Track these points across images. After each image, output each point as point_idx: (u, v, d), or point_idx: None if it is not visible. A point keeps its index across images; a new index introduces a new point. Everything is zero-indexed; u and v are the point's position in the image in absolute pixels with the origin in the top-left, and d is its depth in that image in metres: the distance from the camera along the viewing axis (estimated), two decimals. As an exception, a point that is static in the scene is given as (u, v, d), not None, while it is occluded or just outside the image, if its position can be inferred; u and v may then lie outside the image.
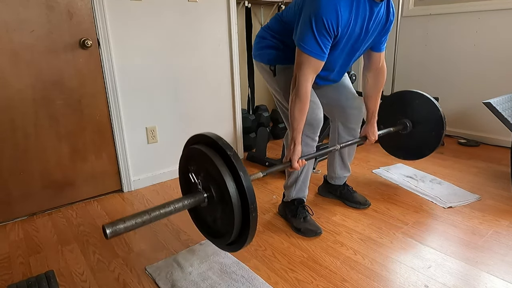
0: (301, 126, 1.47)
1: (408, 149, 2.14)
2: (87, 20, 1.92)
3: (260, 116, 3.03)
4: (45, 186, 1.98)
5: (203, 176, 1.20)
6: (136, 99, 2.18)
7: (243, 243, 1.17)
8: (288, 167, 1.49)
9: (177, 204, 1.13)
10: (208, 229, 1.31)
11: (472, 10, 2.79)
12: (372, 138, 1.79)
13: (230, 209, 1.11)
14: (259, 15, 3.22)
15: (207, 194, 1.18)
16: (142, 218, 1.05)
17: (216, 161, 1.10)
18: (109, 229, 0.97)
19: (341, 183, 1.98)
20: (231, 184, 1.09)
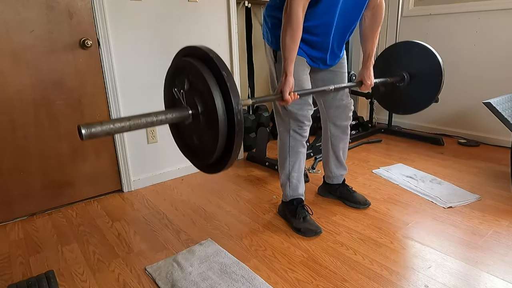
0: (293, 55, 1.43)
1: (408, 102, 2.07)
2: (87, 20, 1.92)
3: (260, 116, 3.03)
4: (45, 186, 1.98)
5: (190, 92, 1.13)
6: (136, 99, 2.18)
7: (224, 165, 1.12)
8: (279, 100, 1.44)
9: (160, 116, 1.06)
10: (189, 149, 1.25)
11: (472, 10, 2.79)
12: (368, 82, 1.72)
13: (215, 126, 1.04)
14: (259, 15, 3.22)
15: (192, 111, 1.12)
16: (121, 123, 0.98)
17: (204, 73, 1.03)
18: (85, 129, 0.91)
19: (339, 181, 1.98)
20: (219, 98, 1.02)
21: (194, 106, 1.11)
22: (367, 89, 1.76)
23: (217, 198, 2.11)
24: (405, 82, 1.99)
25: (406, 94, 2.05)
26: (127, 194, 2.23)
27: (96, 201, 2.13)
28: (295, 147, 1.71)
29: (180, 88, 1.17)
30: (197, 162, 1.23)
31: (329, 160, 1.92)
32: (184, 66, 1.13)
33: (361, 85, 1.74)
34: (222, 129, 1.03)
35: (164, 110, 1.10)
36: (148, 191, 2.26)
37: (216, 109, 1.01)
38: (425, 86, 1.97)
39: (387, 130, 3.30)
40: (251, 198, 2.10)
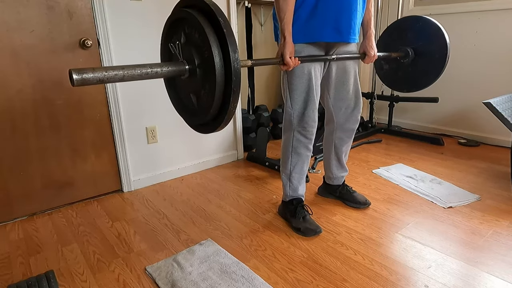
0: (289, 15, 1.41)
1: (413, 79, 2.02)
2: (87, 20, 1.92)
3: (260, 116, 3.03)
4: (45, 186, 1.98)
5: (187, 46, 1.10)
6: (136, 99, 2.18)
7: (220, 123, 1.10)
8: (280, 64, 1.41)
9: (156, 68, 1.03)
10: (185, 106, 1.23)
11: (472, 10, 2.79)
12: (371, 52, 1.65)
13: (212, 80, 1.01)
14: (259, 15, 3.22)
15: (189, 66, 1.09)
16: (114, 72, 0.95)
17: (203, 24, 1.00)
18: (76, 74, 0.89)
19: (340, 183, 1.98)
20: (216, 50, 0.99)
21: (191, 61, 1.09)
22: (371, 60, 1.68)
23: (217, 198, 2.11)
24: (409, 58, 1.93)
25: (411, 70, 1.99)
26: (127, 194, 2.23)
27: (96, 201, 2.13)
28: (298, 148, 1.70)
29: (176, 42, 1.14)
30: (192, 120, 1.20)
31: (331, 161, 1.91)
32: (182, 17, 1.10)
33: (364, 57, 1.67)
34: (219, 79, 1.00)
35: (160, 62, 1.07)
36: (148, 191, 2.26)
37: (213, 59, 0.99)
38: (430, 62, 1.90)
39: (387, 130, 3.30)
40: (251, 198, 2.10)
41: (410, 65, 1.98)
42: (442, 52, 1.88)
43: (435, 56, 1.89)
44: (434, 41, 1.88)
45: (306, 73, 1.55)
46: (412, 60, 1.95)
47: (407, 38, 1.97)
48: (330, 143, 1.87)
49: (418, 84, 2.03)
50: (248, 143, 2.88)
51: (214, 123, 1.12)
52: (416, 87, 2.05)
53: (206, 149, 2.59)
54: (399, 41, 2.01)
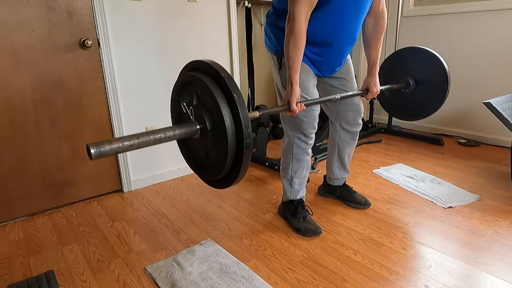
0: (297, 65, 1.42)
1: (413, 109, 2.05)
2: (87, 20, 1.92)
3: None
4: (45, 186, 1.98)
5: (197, 107, 1.12)
6: (136, 99, 2.18)
7: (233, 180, 1.11)
8: (286, 111, 1.43)
9: (168, 132, 1.05)
10: (197, 163, 1.25)
11: (472, 10, 2.79)
12: (374, 90, 1.70)
13: (224, 143, 1.03)
14: (259, 15, 3.22)
15: (200, 126, 1.11)
16: (130, 142, 0.98)
17: (213, 89, 1.02)
18: (94, 149, 0.91)
19: (340, 183, 1.98)
20: (227, 115, 1.01)
21: (202, 120, 1.11)
22: (373, 96, 1.73)
23: (217, 198, 2.11)
24: (410, 88, 1.97)
25: (411, 100, 2.03)
26: (127, 194, 2.23)
27: (96, 201, 2.13)
28: (298, 155, 1.69)
29: (187, 102, 1.16)
30: (206, 177, 1.22)
31: (333, 162, 1.91)
32: (191, 81, 1.13)
33: (367, 93, 1.71)
34: (231, 144, 1.03)
35: (172, 126, 1.09)
36: (148, 191, 2.26)
37: (225, 124, 1.00)
38: (431, 94, 1.94)
39: (387, 130, 3.30)
40: (251, 198, 2.10)
41: (411, 94, 2.00)
42: (442, 86, 1.91)
43: (435, 89, 1.93)
44: (435, 75, 1.91)
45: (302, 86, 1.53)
46: (413, 90, 1.98)
47: (409, 68, 2.00)
48: (334, 144, 1.86)
49: (417, 114, 2.08)
50: (248, 143, 2.87)
51: (228, 179, 1.13)
52: (415, 117, 2.11)
53: (206, 149, 2.58)
54: (400, 70, 2.04)
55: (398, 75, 2.03)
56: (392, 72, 2.06)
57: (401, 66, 2.02)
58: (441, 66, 1.89)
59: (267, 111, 1.36)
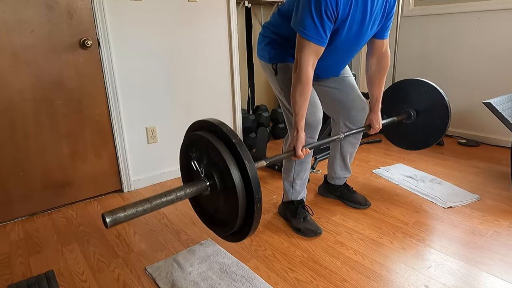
0: (303, 111, 1.44)
1: (412, 138, 2.08)
2: (87, 20, 1.92)
3: (260, 116, 3.03)
4: (45, 186, 1.98)
5: (206, 164, 1.15)
6: (136, 99, 2.18)
7: (246, 233, 1.13)
8: (291, 155, 1.45)
9: (179, 193, 1.08)
10: (210, 218, 1.27)
11: (472, 10, 2.79)
12: (376, 126, 1.74)
13: (234, 199, 1.06)
14: (259, 15, 3.22)
15: (210, 183, 1.13)
16: (143, 207, 1.00)
17: (220, 148, 1.06)
18: (109, 218, 0.94)
19: (341, 183, 1.98)
20: (236, 172, 1.04)
21: (211, 177, 1.13)
22: (375, 132, 1.77)
23: (217, 198, 2.11)
24: (412, 119, 2.01)
25: (412, 130, 2.07)
26: (127, 194, 2.23)
27: (96, 201, 2.13)
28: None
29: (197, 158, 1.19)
30: (219, 232, 1.24)
31: (335, 161, 1.91)
32: (198, 140, 1.16)
33: (369, 129, 1.76)
34: (241, 199, 1.05)
35: (183, 185, 1.12)
36: (148, 191, 2.26)
37: (234, 182, 1.03)
38: (431, 126, 1.99)
39: (387, 130, 3.30)
40: (251, 198, 2.10)
41: (411, 124, 2.04)
42: (443, 120, 1.95)
43: (436, 121, 1.96)
44: (436, 108, 1.95)
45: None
46: (414, 121, 2.02)
47: (411, 99, 2.03)
48: (337, 143, 1.86)
49: (417, 144, 2.11)
50: (248, 143, 2.88)
51: (243, 230, 1.15)
52: (415, 147, 2.13)
53: (206, 149, 2.58)
54: (402, 101, 2.07)
55: (399, 105, 2.07)
56: (394, 102, 2.08)
57: (403, 96, 2.06)
58: (442, 100, 1.93)
59: (274, 159, 1.38)
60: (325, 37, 1.35)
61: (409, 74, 3.29)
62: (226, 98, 2.61)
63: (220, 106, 2.58)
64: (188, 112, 2.42)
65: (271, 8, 3.24)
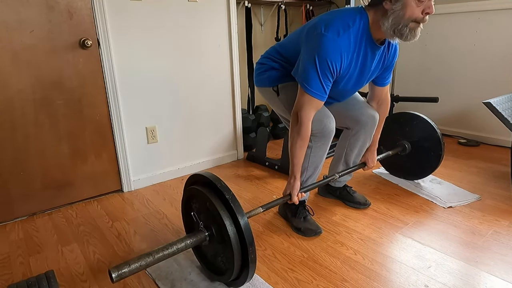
0: (301, 161, 1.51)
1: (409, 169, 2.18)
2: (87, 20, 1.92)
3: (260, 116, 3.03)
4: (45, 186, 1.98)
5: (204, 215, 1.25)
6: (136, 99, 2.18)
7: (245, 279, 1.21)
8: (287, 200, 1.54)
9: (180, 245, 1.19)
10: (210, 265, 1.36)
11: (472, 10, 2.79)
12: (371, 164, 1.84)
13: (230, 249, 1.15)
14: (259, 15, 3.23)
15: (208, 233, 1.23)
16: (146, 261, 1.10)
17: (215, 203, 1.16)
18: (115, 273, 1.03)
19: (341, 186, 1.98)
20: (230, 225, 1.13)
21: (210, 228, 1.22)
22: (369, 169, 1.88)
23: (217, 198, 2.11)
24: (406, 151, 2.08)
25: (408, 162, 2.14)
26: (127, 194, 2.23)
27: (96, 201, 2.14)
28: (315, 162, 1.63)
29: (197, 210, 1.30)
30: (222, 279, 1.31)
31: (339, 166, 1.90)
32: (196, 194, 1.26)
33: (364, 166, 1.84)
34: (236, 251, 1.15)
35: (183, 237, 1.21)
36: (148, 191, 2.26)
37: (229, 235, 1.13)
38: (425, 157, 2.06)
39: (387, 130, 3.30)
40: (251, 198, 2.10)
41: (407, 156, 2.11)
42: (437, 152, 2.01)
43: (430, 153, 2.03)
44: (429, 140, 2.02)
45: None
46: (409, 152, 2.09)
47: (404, 132, 2.10)
48: (343, 148, 1.85)
49: (413, 175, 2.19)
50: (248, 143, 2.88)
51: (243, 276, 1.22)
52: (411, 177, 2.20)
53: (206, 149, 2.59)
54: (397, 133, 2.13)
55: (394, 138, 2.13)
56: (388, 135, 2.14)
57: (397, 129, 2.13)
58: (435, 133, 2.00)
59: (270, 204, 1.45)
60: (326, 92, 1.41)
61: (408, 74, 3.29)
62: (226, 98, 2.61)
63: (220, 106, 2.58)
64: (188, 112, 2.42)
65: (271, 8, 3.24)
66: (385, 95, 1.71)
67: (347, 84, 1.50)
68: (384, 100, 1.73)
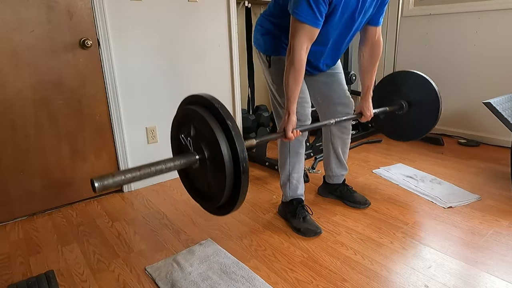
0: (296, 95, 1.45)
1: (407, 129, 2.09)
2: (87, 20, 1.92)
3: (260, 116, 3.03)
4: (45, 186, 1.98)
5: (196, 138, 1.17)
6: (136, 99, 2.18)
7: (232, 207, 1.15)
8: (282, 137, 1.47)
9: (168, 164, 1.11)
10: (198, 192, 1.29)
11: (472, 10, 2.79)
12: (367, 113, 1.76)
13: (222, 172, 1.08)
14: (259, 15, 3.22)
15: (199, 156, 1.16)
16: (132, 174, 1.04)
17: (210, 121, 1.08)
18: (98, 183, 0.98)
19: (340, 181, 1.98)
20: (224, 145, 1.06)
21: (201, 151, 1.15)
22: (367, 119, 1.79)
23: (217, 198, 2.11)
24: (404, 110, 2.03)
25: (406, 121, 2.08)
26: (127, 194, 2.23)
27: (96, 201, 2.13)
28: (295, 148, 1.71)
29: (186, 135, 1.21)
30: (207, 205, 1.26)
31: (330, 159, 1.92)
32: (190, 114, 1.18)
33: (361, 117, 1.77)
34: (229, 174, 1.07)
35: (172, 157, 1.14)
36: (148, 191, 2.26)
37: (223, 156, 1.05)
38: (424, 114, 2.00)
39: (387, 130, 3.30)
40: (251, 198, 2.10)
41: (405, 116, 2.06)
42: (434, 107, 1.95)
43: (428, 109, 1.97)
44: (426, 96, 1.96)
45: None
46: (407, 112, 2.04)
47: (401, 91, 2.06)
48: (328, 141, 1.89)
49: (413, 135, 2.11)
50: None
51: (230, 204, 1.17)
52: (411, 137, 2.13)
53: (206, 149, 2.58)
54: (393, 93, 2.09)
55: (391, 98, 2.08)
56: (386, 96, 2.10)
57: (394, 89, 2.08)
58: (431, 87, 1.93)
59: (263, 138, 1.40)
60: (320, 19, 1.35)
61: (409, 74, 3.29)
62: (226, 98, 2.61)
63: (220, 106, 2.58)
64: (188, 112, 2.41)
65: (271, 8, 3.23)
66: (377, 36, 1.66)
67: (341, 18, 1.43)
68: (377, 42, 1.67)
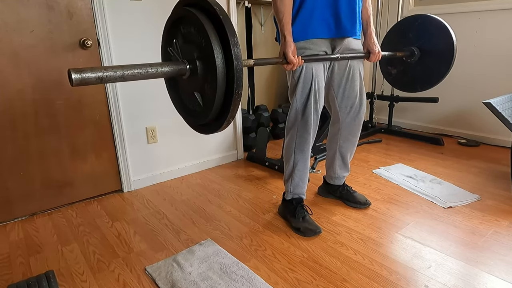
0: (287, 16, 1.44)
1: (423, 77, 1.97)
2: (87, 20, 1.92)
3: (260, 116, 3.03)
4: (45, 186, 1.98)
5: (187, 46, 1.09)
6: (136, 99, 2.18)
7: (218, 127, 1.09)
8: (283, 63, 1.42)
9: (156, 68, 1.01)
10: (184, 106, 1.23)
11: (472, 10, 2.79)
12: (374, 49, 1.66)
13: (213, 86, 0.99)
14: (259, 15, 3.22)
15: (190, 66, 1.08)
16: (114, 70, 0.94)
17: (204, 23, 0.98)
18: (75, 74, 0.88)
19: (340, 183, 1.98)
20: (219, 53, 0.96)
21: (192, 60, 1.07)
22: (376, 57, 1.67)
23: (217, 198, 2.11)
24: (416, 57, 1.89)
25: (419, 69, 1.95)
26: (127, 194, 2.23)
27: (96, 201, 2.13)
28: (300, 145, 1.68)
29: (177, 43, 1.12)
30: (193, 121, 1.19)
31: (335, 161, 1.90)
32: (182, 15, 1.09)
33: (369, 55, 1.68)
34: (221, 78, 0.98)
35: (162, 62, 1.05)
36: (148, 191, 2.26)
37: (214, 56, 0.96)
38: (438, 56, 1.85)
39: (387, 130, 3.30)
40: (251, 198, 2.10)
41: (417, 63, 1.93)
42: (449, 42, 1.80)
43: (442, 48, 1.84)
44: (437, 35, 1.83)
45: (310, 68, 1.56)
46: (419, 59, 1.91)
47: (410, 39, 1.95)
48: (335, 143, 1.85)
49: (430, 81, 1.97)
50: (248, 143, 2.88)
51: (216, 123, 1.10)
52: (429, 84, 1.99)
53: (206, 149, 2.59)
54: (402, 43, 1.99)
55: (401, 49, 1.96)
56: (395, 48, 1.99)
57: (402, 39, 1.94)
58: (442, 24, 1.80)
59: (263, 61, 1.32)
60: None
61: (409, 74, 3.29)
62: (226, 98, 2.60)
63: (220, 106, 2.58)
64: (188, 112, 2.41)
65: (271, 8, 3.23)
66: None
67: None
68: None
